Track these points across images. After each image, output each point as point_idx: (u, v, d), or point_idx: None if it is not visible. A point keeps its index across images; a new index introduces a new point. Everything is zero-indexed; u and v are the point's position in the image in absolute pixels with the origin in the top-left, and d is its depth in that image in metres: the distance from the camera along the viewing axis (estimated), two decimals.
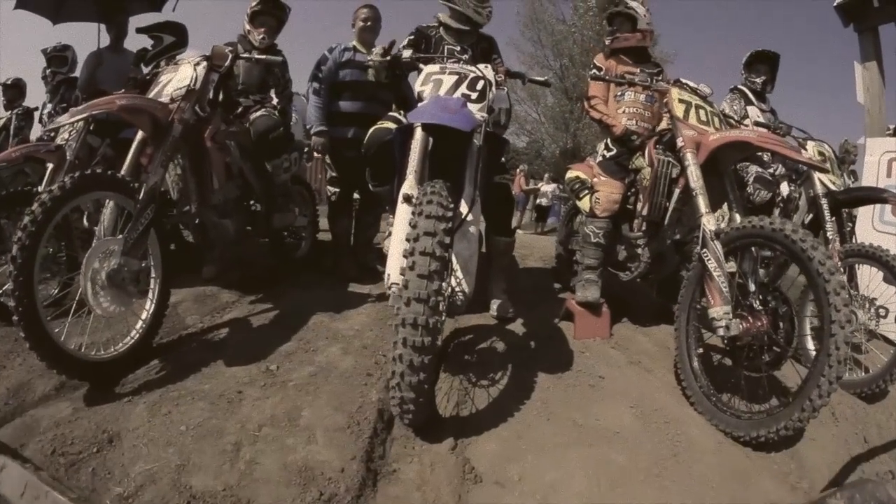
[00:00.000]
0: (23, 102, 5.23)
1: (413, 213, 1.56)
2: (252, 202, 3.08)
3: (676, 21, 33.20)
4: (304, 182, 3.88)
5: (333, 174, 3.51)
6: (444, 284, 1.54)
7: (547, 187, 11.71)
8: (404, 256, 1.51)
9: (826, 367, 1.68)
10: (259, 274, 3.30)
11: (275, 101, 3.26)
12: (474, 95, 2.01)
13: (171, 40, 3.32)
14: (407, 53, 2.39)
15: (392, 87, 3.37)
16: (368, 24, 3.47)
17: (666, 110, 2.52)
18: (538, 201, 11.52)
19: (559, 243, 3.72)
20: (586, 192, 3.01)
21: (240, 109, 3.11)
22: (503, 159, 2.80)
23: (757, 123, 3.40)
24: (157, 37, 3.37)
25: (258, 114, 2.99)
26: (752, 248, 2.06)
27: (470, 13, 2.70)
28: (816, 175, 2.97)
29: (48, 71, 4.72)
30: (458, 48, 2.78)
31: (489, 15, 2.79)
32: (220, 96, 2.87)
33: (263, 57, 2.78)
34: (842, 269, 2.81)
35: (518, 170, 12.34)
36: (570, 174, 3.27)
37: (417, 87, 2.11)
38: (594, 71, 2.93)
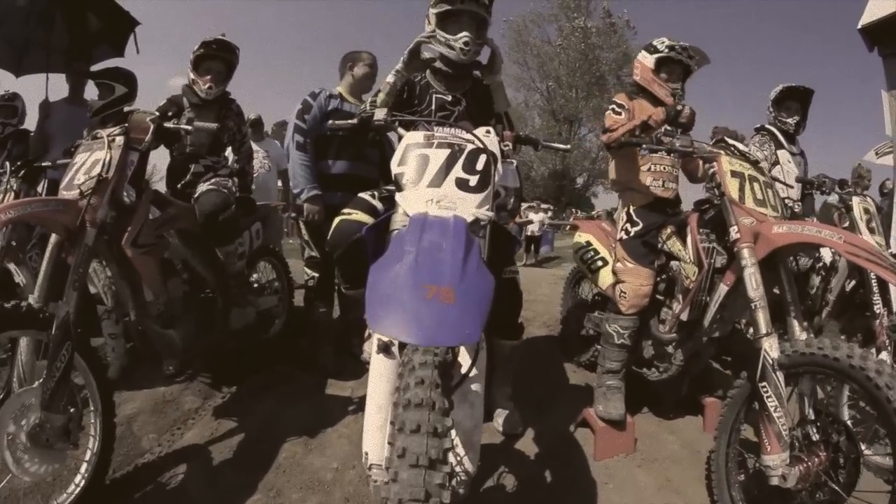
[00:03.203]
0: None
1: (393, 426, 0.99)
2: (208, 291, 2.60)
3: (678, 31, 32.57)
4: (274, 251, 3.35)
5: (313, 253, 2.91)
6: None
7: (535, 216, 11.13)
8: (386, 481, 0.97)
9: None
10: (227, 364, 2.83)
11: (230, 160, 2.79)
12: (473, 181, 1.44)
13: (123, 91, 2.91)
14: (380, 115, 1.76)
15: (378, 144, 2.94)
16: (373, 70, 2.96)
17: (713, 184, 2.07)
18: (528, 232, 10.84)
19: (566, 311, 3.36)
20: (600, 263, 2.59)
21: (188, 177, 2.62)
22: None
23: (800, 180, 3.04)
24: (107, 84, 2.95)
25: (204, 188, 2.47)
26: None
27: (454, 56, 2.03)
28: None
29: None
30: (450, 98, 2.16)
31: (478, 51, 2.10)
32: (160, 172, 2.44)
33: (192, 127, 2.17)
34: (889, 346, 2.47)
35: None
36: (578, 238, 2.80)
37: (395, 168, 1.51)
38: (623, 122, 2.32)
